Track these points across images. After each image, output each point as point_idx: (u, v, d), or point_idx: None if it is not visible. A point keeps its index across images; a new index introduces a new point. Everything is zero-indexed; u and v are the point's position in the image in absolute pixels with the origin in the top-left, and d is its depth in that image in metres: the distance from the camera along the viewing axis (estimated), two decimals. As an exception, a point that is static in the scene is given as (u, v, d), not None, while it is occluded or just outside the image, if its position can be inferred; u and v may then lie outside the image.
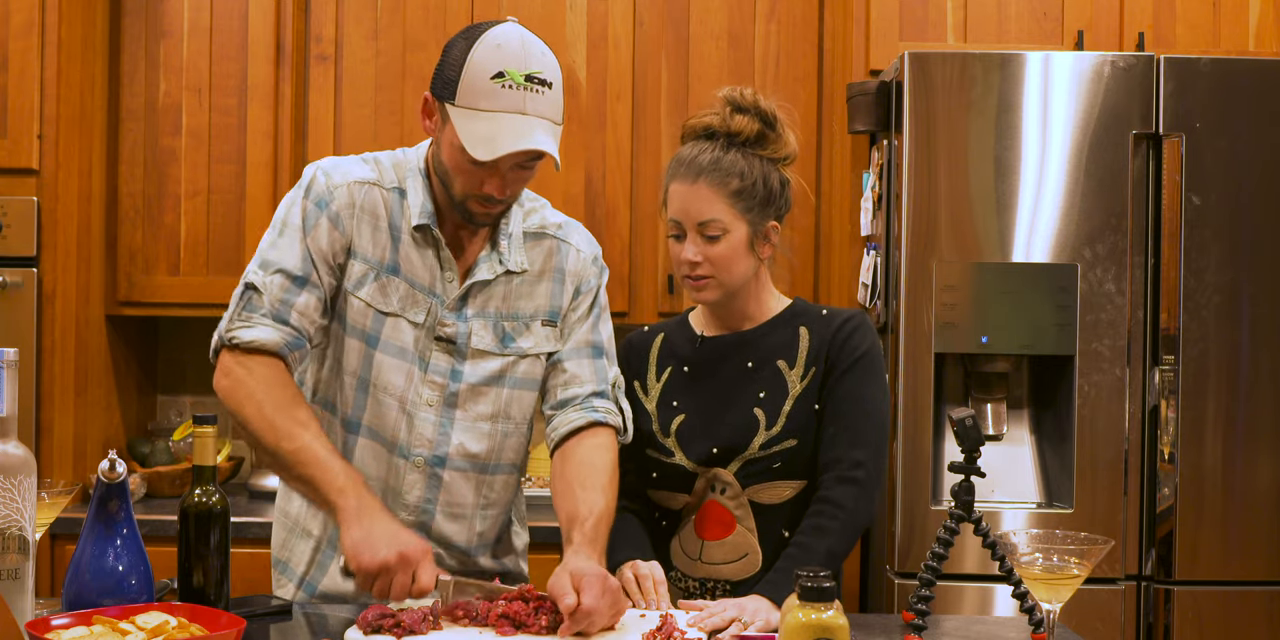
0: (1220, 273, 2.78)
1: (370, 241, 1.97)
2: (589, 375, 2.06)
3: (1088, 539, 1.67)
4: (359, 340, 1.98)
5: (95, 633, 1.50)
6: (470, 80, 1.86)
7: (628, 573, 1.94)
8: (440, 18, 3.33)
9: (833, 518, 1.94)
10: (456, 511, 2.04)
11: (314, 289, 1.93)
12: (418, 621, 1.69)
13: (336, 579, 2.05)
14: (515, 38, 1.89)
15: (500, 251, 2.02)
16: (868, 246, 3.04)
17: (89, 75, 3.20)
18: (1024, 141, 2.79)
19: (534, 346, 2.05)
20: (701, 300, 2.04)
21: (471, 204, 1.94)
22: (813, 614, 1.39)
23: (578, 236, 2.12)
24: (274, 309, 1.91)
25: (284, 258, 1.93)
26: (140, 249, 3.30)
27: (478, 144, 1.85)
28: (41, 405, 3.04)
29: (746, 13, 3.36)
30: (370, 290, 1.96)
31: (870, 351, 2.04)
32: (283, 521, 2.12)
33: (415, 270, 1.98)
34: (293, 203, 1.98)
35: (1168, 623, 2.78)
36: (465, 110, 1.86)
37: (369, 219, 1.98)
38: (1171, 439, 2.79)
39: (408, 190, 2.00)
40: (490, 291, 2.02)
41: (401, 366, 1.98)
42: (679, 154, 2.03)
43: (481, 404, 2.02)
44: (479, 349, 2.01)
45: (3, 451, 1.56)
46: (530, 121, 1.86)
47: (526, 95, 1.86)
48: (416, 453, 2.00)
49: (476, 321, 2.01)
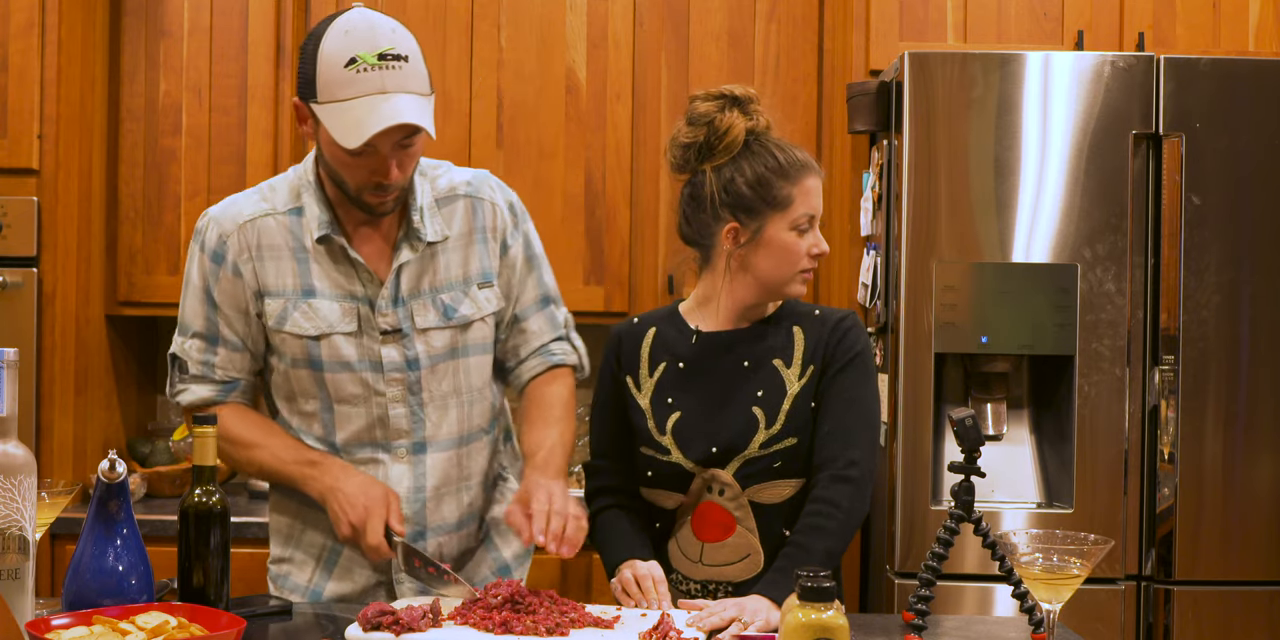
0: (1220, 273, 2.78)
1: (277, 274, 2.00)
2: (545, 327, 2.16)
3: (1088, 539, 1.67)
4: (305, 368, 2.02)
5: (95, 633, 1.50)
6: (325, 74, 1.85)
7: (626, 573, 1.94)
8: (440, 17, 3.33)
9: (830, 517, 1.94)
10: (445, 491, 2.08)
11: (226, 343, 2.03)
12: (417, 619, 1.70)
13: (342, 586, 2.06)
14: (360, 21, 1.87)
15: (415, 227, 2.02)
16: (868, 246, 3.04)
17: (89, 75, 3.20)
18: (1024, 141, 2.79)
19: (477, 311, 2.08)
20: (802, 293, 2.08)
21: (367, 196, 1.94)
22: (813, 614, 1.39)
23: (488, 189, 2.12)
24: (198, 371, 2.04)
25: (193, 321, 2.04)
26: (140, 249, 3.30)
27: (346, 133, 1.84)
28: (41, 405, 3.04)
29: (746, 13, 3.36)
30: (294, 321, 2.00)
31: (864, 351, 2.05)
32: (280, 530, 2.13)
33: (332, 283, 2.01)
34: (191, 259, 2.05)
35: (1168, 623, 2.78)
36: (329, 105, 1.86)
37: (270, 253, 2.00)
38: (1171, 439, 2.79)
39: (304, 206, 2.01)
40: (418, 269, 2.03)
41: (355, 377, 2.02)
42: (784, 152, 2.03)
43: (444, 381, 2.06)
44: (424, 328, 2.03)
45: (3, 451, 1.56)
46: (392, 98, 1.84)
47: (384, 74, 1.84)
48: (398, 445, 2.05)
49: (415, 302, 2.03)
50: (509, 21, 3.34)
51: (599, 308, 3.31)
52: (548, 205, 3.32)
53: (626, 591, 1.92)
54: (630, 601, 1.90)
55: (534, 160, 3.33)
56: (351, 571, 2.07)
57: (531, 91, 3.33)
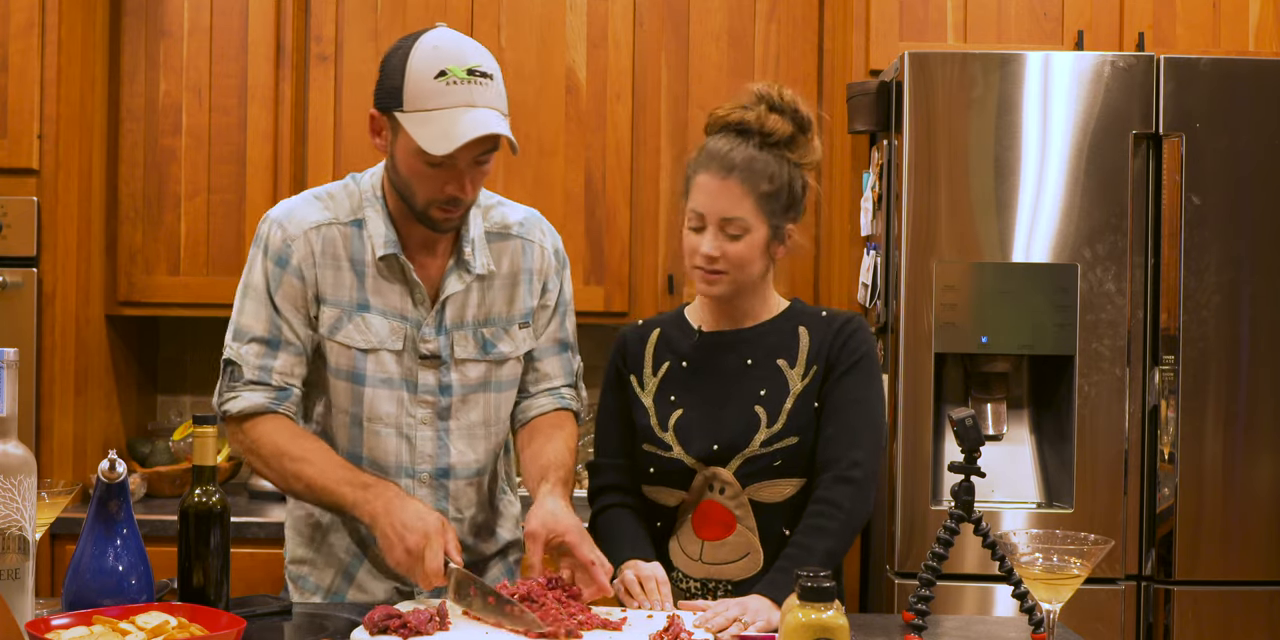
0: (1220, 273, 2.78)
1: (335, 284, 2.00)
2: (558, 371, 2.18)
3: (1088, 539, 1.67)
4: (345, 380, 2.02)
5: (95, 633, 1.50)
6: (415, 84, 1.88)
7: (629, 573, 1.94)
8: (440, 18, 3.33)
9: (831, 518, 1.95)
10: (461, 516, 2.10)
11: (288, 347, 2.01)
12: (424, 622, 1.70)
13: (365, 586, 2.07)
14: (449, 38, 1.92)
15: (465, 259, 2.04)
16: (868, 246, 3.04)
17: (89, 75, 3.20)
18: (1024, 141, 2.79)
19: (514, 350, 2.10)
20: (710, 294, 2.03)
21: (434, 211, 1.95)
22: (813, 614, 1.39)
23: (538, 232, 2.15)
24: (254, 376, 2.00)
25: (253, 324, 2.01)
26: (140, 249, 3.30)
27: (435, 141, 1.86)
28: (41, 405, 3.04)
29: (746, 13, 3.36)
30: (346, 332, 2.01)
31: (869, 354, 2.05)
32: (300, 530, 2.13)
33: (386, 301, 2.01)
34: (252, 263, 2.03)
35: (1168, 623, 2.78)
36: (415, 114, 1.88)
37: (330, 262, 2.00)
38: (1171, 439, 2.79)
39: (366, 219, 2.02)
40: (464, 300, 2.05)
41: (392, 395, 2.03)
42: (711, 146, 2.01)
43: (473, 412, 2.08)
44: (462, 358, 2.05)
45: (3, 451, 1.56)
46: (480, 111, 1.88)
47: (472, 88, 1.88)
48: (421, 470, 2.06)
49: (456, 333, 2.05)
50: (509, 21, 3.34)
51: (599, 308, 3.31)
52: (548, 205, 3.32)
53: (629, 592, 1.92)
54: (633, 602, 1.90)
55: (534, 160, 3.33)
56: (369, 584, 2.08)
57: (531, 91, 3.33)
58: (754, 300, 2.08)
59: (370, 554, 2.08)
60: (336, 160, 3.30)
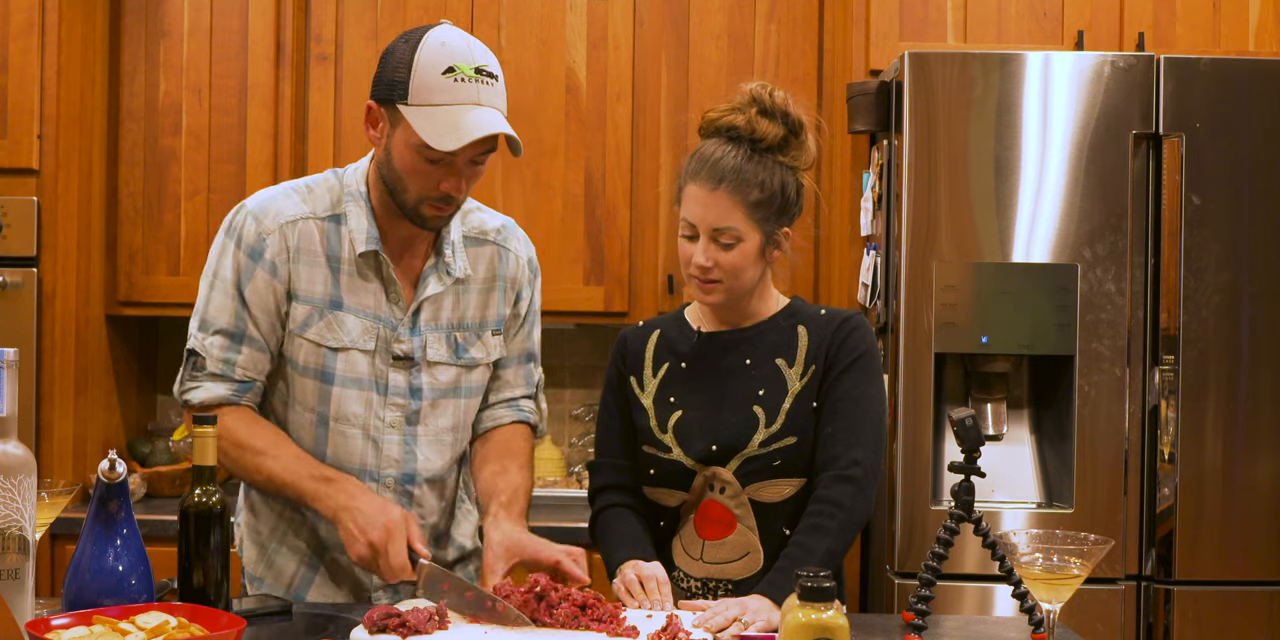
0: (1220, 273, 2.78)
1: (309, 280, 1.98)
2: (520, 381, 2.18)
3: (1088, 539, 1.67)
4: (313, 379, 2.00)
5: (95, 633, 1.49)
6: (421, 78, 1.87)
7: (629, 573, 1.94)
8: (440, 17, 3.32)
9: (831, 517, 1.94)
10: (425, 522, 2.09)
11: (252, 342, 1.98)
12: (423, 621, 1.70)
13: (324, 589, 2.06)
14: (457, 36, 1.92)
15: (445, 261, 2.03)
16: (868, 246, 3.04)
17: (89, 75, 3.20)
18: (1024, 141, 2.79)
19: (485, 356, 2.10)
20: (707, 302, 2.04)
21: (425, 208, 1.94)
22: (813, 614, 1.39)
23: (515, 241, 2.15)
24: (217, 369, 1.98)
25: (219, 316, 1.98)
26: (140, 249, 3.30)
27: (441, 136, 1.85)
28: (41, 405, 3.04)
29: (746, 13, 3.36)
30: (317, 329, 1.98)
31: (869, 352, 2.04)
32: (254, 538, 2.12)
33: (360, 299, 1.99)
34: (223, 252, 1.99)
35: (1168, 623, 2.78)
36: (420, 107, 1.87)
37: (306, 258, 1.98)
38: (1171, 439, 2.79)
39: (347, 215, 2.00)
40: (440, 302, 2.04)
41: (361, 396, 2.01)
42: (701, 153, 2.00)
43: (443, 418, 2.07)
44: (433, 360, 2.04)
45: (3, 451, 1.56)
46: (485, 110, 1.88)
47: (479, 87, 1.88)
48: (386, 474, 2.04)
49: (430, 334, 2.03)
50: (509, 21, 3.34)
51: (599, 308, 3.31)
52: (548, 205, 3.32)
53: (629, 592, 1.92)
54: (633, 602, 1.89)
55: (534, 160, 3.33)
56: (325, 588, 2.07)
57: (531, 91, 3.33)
58: (753, 300, 2.08)
59: (327, 559, 2.05)
60: (336, 160, 3.30)
